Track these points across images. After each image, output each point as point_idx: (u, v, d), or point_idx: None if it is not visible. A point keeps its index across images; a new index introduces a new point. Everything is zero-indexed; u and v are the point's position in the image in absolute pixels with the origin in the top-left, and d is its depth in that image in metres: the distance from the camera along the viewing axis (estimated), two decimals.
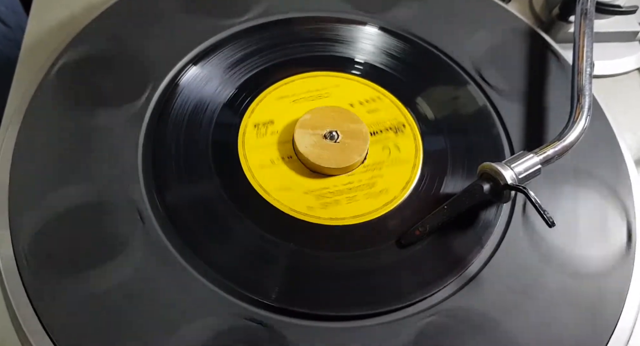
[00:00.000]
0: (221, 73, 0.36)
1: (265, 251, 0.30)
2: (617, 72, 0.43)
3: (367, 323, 0.28)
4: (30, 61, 0.38)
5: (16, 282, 0.27)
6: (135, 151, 0.32)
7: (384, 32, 0.39)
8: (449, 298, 0.29)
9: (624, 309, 0.29)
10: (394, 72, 0.38)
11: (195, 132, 0.33)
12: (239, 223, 0.30)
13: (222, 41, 0.37)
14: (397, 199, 0.32)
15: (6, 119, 0.34)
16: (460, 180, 0.33)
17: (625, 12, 0.41)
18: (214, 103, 0.35)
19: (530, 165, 0.30)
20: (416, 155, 0.34)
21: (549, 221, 0.27)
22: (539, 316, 0.29)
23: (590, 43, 0.35)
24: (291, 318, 0.28)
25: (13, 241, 0.28)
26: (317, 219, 0.31)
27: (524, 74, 0.38)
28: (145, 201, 0.30)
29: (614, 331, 0.29)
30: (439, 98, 0.37)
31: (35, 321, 0.26)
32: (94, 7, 0.40)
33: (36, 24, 0.40)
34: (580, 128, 0.31)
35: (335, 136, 0.33)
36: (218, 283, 0.28)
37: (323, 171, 0.32)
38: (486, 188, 0.29)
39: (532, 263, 0.30)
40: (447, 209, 0.30)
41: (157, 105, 0.34)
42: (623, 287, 0.30)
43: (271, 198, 0.31)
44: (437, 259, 0.30)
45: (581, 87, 0.33)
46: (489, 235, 0.31)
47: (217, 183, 0.31)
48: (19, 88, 0.36)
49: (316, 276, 0.29)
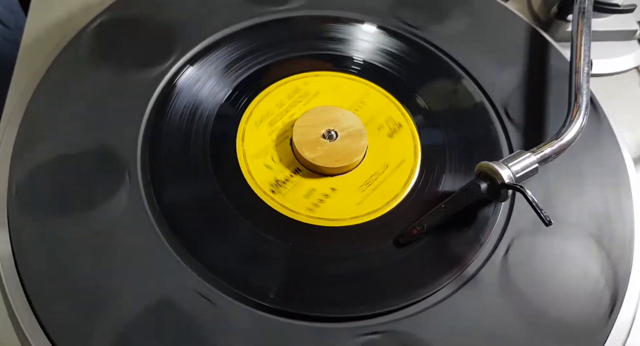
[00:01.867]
0: (219, 72, 0.36)
1: (262, 250, 0.30)
2: (615, 70, 0.43)
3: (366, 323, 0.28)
4: (29, 60, 0.38)
5: (15, 283, 0.27)
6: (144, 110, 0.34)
7: (382, 30, 0.39)
8: (446, 298, 0.29)
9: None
10: (392, 71, 0.38)
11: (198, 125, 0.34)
12: (235, 222, 0.30)
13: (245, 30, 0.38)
14: (400, 197, 0.32)
15: (5, 118, 0.34)
16: (459, 178, 0.33)
17: (623, 10, 0.41)
18: (213, 103, 0.35)
19: (528, 164, 0.30)
20: (415, 154, 0.34)
21: (546, 220, 0.27)
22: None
23: (588, 42, 0.35)
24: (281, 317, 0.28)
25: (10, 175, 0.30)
26: (314, 220, 0.31)
27: (522, 72, 0.38)
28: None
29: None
30: (436, 95, 0.37)
31: (35, 323, 0.26)
32: (92, 6, 0.40)
33: (34, 24, 0.40)
34: (578, 127, 0.31)
35: (333, 135, 0.33)
36: (178, 251, 0.29)
37: (321, 170, 0.32)
38: (483, 187, 0.29)
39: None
40: (445, 208, 0.30)
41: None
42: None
43: (265, 196, 0.31)
44: (434, 258, 0.30)
45: (579, 85, 0.33)
46: (488, 234, 0.31)
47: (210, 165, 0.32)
48: (17, 87, 0.36)
49: (313, 277, 0.29)
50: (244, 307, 0.27)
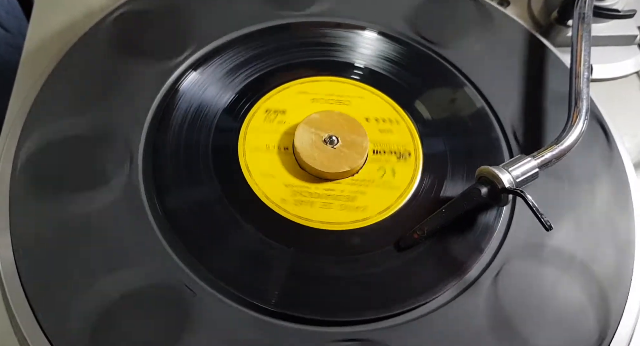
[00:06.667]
0: (221, 77, 0.36)
1: (262, 253, 0.30)
2: (616, 75, 0.43)
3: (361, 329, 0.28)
4: (32, 65, 0.38)
5: (16, 285, 0.28)
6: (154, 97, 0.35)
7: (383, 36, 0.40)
8: (449, 302, 0.29)
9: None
10: (392, 76, 0.38)
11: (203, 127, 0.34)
12: (237, 227, 0.30)
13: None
14: (370, 221, 0.32)
15: (7, 124, 0.34)
16: (460, 183, 0.33)
17: (623, 16, 0.41)
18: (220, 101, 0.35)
19: (528, 169, 0.30)
20: (409, 185, 0.33)
21: (547, 225, 0.27)
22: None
23: (587, 47, 0.35)
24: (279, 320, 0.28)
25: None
26: (315, 223, 0.31)
27: (522, 77, 0.39)
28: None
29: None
30: (436, 101, 0.37)
31: (35, 325, 0.27)
32: (94, 12, 0.41)
33: (37, 30, 0.40)
34: (578, 132, 0.31)
35: (334, 141, 0.33)
36: (168, 237, 0.29)
37: (322, 175, 0.33)
38: (484, 192, 0.29)
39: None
40: (445, 212, 0.30)
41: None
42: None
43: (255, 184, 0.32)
44: (435, 263, 0.30)
45: (579, 90, 0.33)
46: (489, 240, 0.31)
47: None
48: (20, 93, 0.36)
49: (313, 281, 0.29)
50: (226, 301, 0.28)
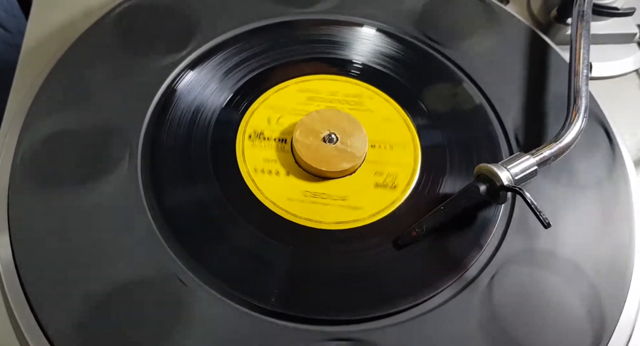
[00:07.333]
0: (220, 75, 0.36)
1: (259, 252, 0.30)
2: (615, 73, 0.43)
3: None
4: (30, 64, 0.38)
5: (16, 285, 0.28)
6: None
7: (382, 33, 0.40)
8: (448, 300, 0.29)
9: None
10: (392, 73, 0.38)
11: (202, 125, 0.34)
12: (234, 225, 0.30)
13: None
14: (369, 220, 0.32)
15: (6, 122, 0.34)
16: (459, 181, 0.33)
17: (622, 14, 0.41)
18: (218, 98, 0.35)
19: (527, 166, 0.30)
20: (407, 184, 0.33)
21: (545, 222, 0.27)
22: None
23: (587, 45, 0.35)
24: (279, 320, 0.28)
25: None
26: (313, 223, 0.31)
27: (523, 75, 0.38)
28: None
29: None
30: (435, 97, 0.37)
31: (35, 325, 0.27)
32: (93, 11, 0.41)
33: (35, 28, 0.40)
34: (577, 129, 0.31)
35: (334, 139, 0.33)
36: (165, 233, 0.30)
37: (320, 173, 0.32)
38: (482, 189, 0.29)
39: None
40: (444, 210, 0.30)
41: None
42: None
43: (265, 199, 0.32)
44: (434, 261, 0.30)
45: (578, 88, 0.33)
46: (488, 237, 0.31)
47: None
48: (18, 92, 0.36)
49: (312, 280, 0.29)
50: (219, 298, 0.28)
